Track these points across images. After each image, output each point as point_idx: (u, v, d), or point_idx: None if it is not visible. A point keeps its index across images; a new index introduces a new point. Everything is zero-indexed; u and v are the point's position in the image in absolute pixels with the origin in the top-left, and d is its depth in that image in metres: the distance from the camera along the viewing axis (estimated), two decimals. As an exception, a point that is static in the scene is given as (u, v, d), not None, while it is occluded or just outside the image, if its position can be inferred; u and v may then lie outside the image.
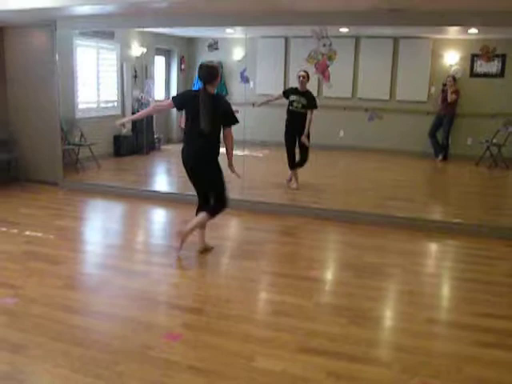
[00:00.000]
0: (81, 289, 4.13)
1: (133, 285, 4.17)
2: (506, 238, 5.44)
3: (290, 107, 7.35)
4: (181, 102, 4.69)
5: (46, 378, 2.88)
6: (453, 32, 8.68)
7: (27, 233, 5.36)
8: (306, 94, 7.25)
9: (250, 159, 7.42)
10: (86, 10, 6.23)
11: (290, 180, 7.52)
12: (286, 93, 7.47)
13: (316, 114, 9.71)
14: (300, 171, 7.48)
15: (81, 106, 8.73)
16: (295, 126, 7.32)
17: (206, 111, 4.45)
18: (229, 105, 4.65)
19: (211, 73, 4.55)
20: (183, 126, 4.78)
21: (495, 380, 2.92)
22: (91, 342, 3.21)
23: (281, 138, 7.50)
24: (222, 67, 10.94)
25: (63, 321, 3.48)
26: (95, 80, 9.15)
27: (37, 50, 7.38)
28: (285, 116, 7.45)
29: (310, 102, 7.23)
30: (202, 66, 4.57)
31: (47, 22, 6.91)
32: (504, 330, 3.51)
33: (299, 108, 7.25)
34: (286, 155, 7.42)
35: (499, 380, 2.92)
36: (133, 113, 9.86)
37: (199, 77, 4.55)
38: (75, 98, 8.56)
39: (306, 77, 7.14)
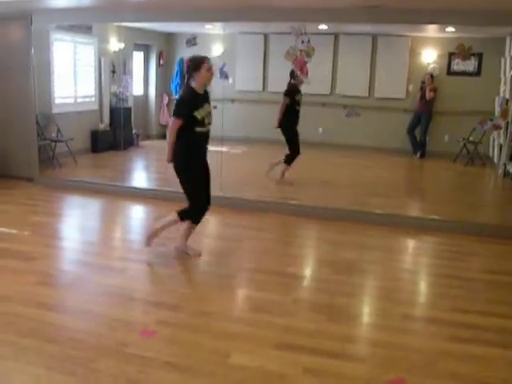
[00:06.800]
0: (55, 285, 4.07)
1: (109, 281, 4.12)
2: (481, 234, 5.50)
3: (297, 107, 7.30)
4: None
5: (18, 377, 2.82)
6: (431, 30, 8.76)
7: (1, 229, 5.28)
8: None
9: (228, 156, 7.40)
10: (62, 2, 6.15)
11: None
12: (293, 93, 7.29)
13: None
14: (276, 167, 7.51)
15: (57, 101, 8.62)
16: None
17: None
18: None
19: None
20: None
21: (469, 375, 2.94)
22: (65, 339, 3.17)
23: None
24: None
25: (37, 318, 3.43)
26: (72, 75, 9.04)
27: (12, 43, 7.24)
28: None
29: None
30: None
31: (23, 14, 6.78)
32: (478, 325, 3.54)
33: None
34: (285, 152, 7.43)
35: (473, 375, 2.95)
36: (110, 109, 9.79)
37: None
38: (52, 93, 8.45)
39: None
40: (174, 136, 4.29)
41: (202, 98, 4.37)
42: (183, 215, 4.50)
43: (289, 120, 7.30)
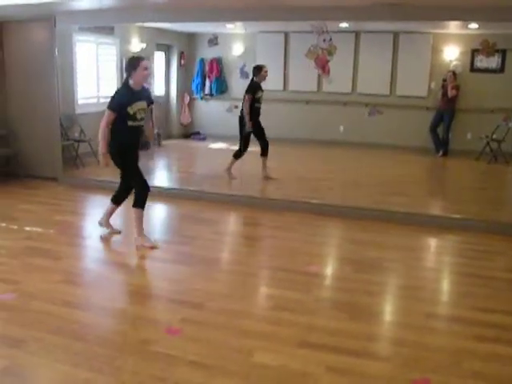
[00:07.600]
0: (80, 284, 4.13)
1: (132, 280, 4.18)
2: (505, 233, 5.43)
3: (257, 104, 7.34)
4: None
5: (45, 373, 2.88)
6: (453, 27, 8.67)
7: (27, 228, 5.36)
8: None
9: (248, 155, 7.41)
10: (84, 4, 6.23)
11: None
12: (254, 91, 7.32)
13: (316, 109, 9.70)
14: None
15: (80, 102, 8.70)
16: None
17: None
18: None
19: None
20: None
21: (494, 374, 2.92)
22: (91, 337, 3.22)
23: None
24: (221, 62, 10.95)
25: (63, 316, 3.49)
26: (95, 75, 9.13)
27: (36, 45, 7.35)
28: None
29: None
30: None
31: (46, 16, 6.89)
32: (503, 324, 3.51)
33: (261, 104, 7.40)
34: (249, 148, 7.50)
35: (498, 374, 2.92)
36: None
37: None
38: (75, 94, 8.54)
39: None
40: (105, 127, 4.64)
41: (137, 95, 4.68)
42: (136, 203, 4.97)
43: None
